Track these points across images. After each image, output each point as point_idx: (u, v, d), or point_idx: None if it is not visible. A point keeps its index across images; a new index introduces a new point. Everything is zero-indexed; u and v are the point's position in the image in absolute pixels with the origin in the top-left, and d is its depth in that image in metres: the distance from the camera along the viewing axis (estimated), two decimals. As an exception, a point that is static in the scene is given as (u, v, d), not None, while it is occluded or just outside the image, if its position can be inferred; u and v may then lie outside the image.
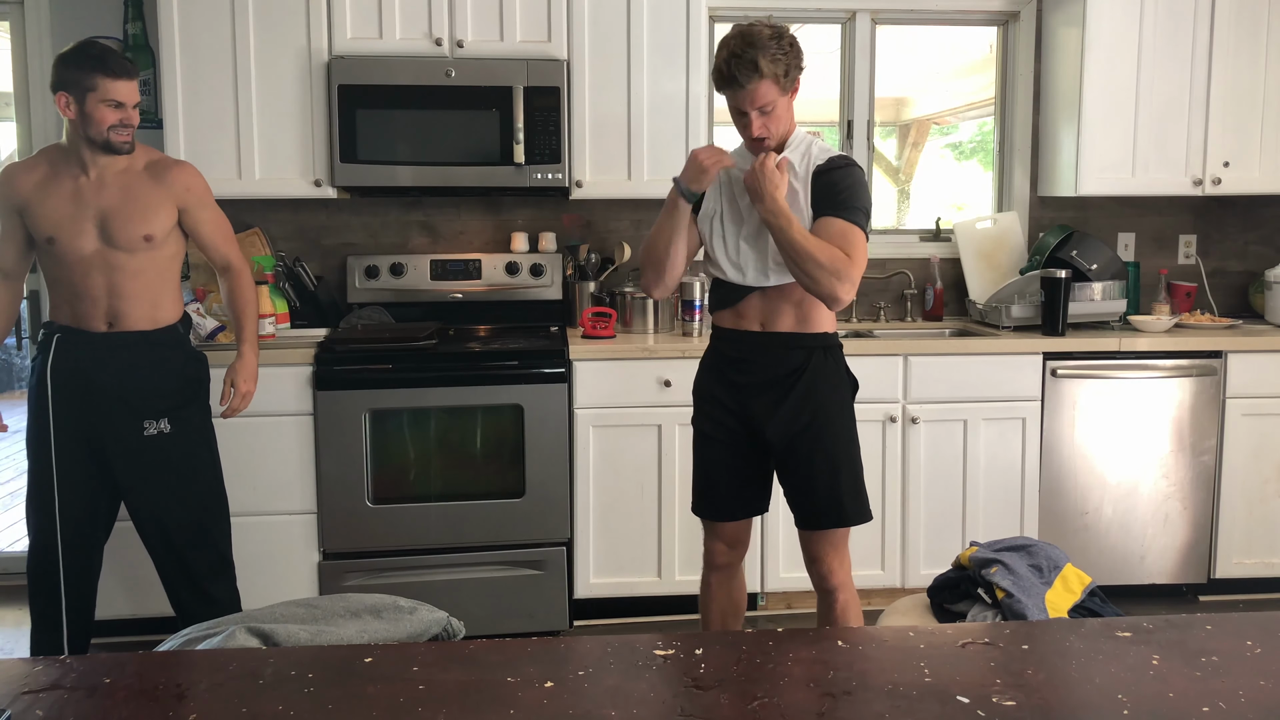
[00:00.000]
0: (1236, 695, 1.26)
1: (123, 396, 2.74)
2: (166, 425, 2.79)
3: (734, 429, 2.52)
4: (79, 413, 2.73)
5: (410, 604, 1.73)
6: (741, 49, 2.32)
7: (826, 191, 2.42)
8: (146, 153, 2.81)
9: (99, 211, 2.69)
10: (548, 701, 1.24)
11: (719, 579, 2.66)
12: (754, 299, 2.49)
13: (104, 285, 2.71)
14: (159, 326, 2.79)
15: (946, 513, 3.58)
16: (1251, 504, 3.68)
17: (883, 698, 1.26)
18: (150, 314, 2.77)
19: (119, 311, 2.73)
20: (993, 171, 4.29)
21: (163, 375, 2.80)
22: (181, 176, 2.80)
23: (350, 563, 3.37)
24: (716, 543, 2.63)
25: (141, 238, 2.71)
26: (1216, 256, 4.25)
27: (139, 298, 2.74)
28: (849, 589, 2.58)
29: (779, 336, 2.48)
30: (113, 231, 2.69)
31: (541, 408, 3.36)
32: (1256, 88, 3.81)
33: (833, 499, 2.50)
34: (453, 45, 3.50)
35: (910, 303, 4.10)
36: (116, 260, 2.71)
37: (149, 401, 2.77)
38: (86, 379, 2.73)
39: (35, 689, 1.28)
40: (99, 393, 2.73)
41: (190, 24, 3.41)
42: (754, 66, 2.31)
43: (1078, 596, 2.26)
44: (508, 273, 3.82)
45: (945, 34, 4.35)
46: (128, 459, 2.78)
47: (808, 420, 2.46)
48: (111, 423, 2.75)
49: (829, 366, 2.49)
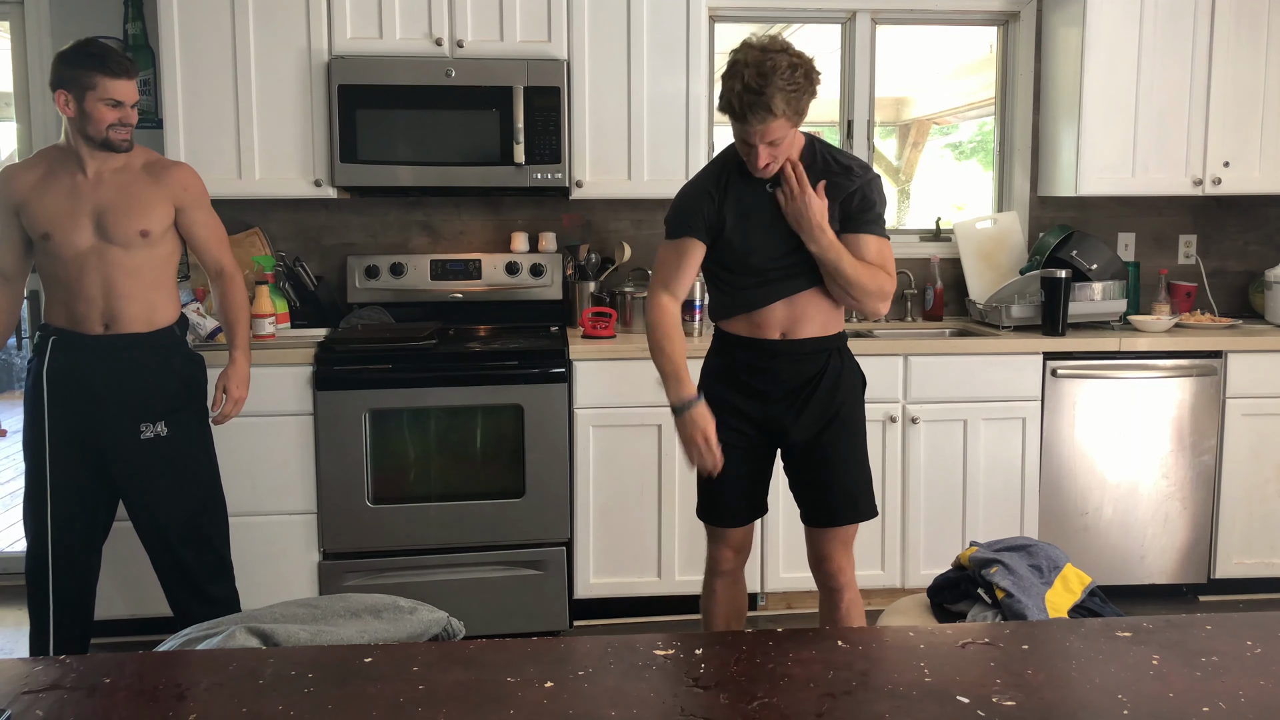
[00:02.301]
0: (1236, 695, 1.26)
1: (119, 399, 2.74)
2: (163, 428, 2.79)
3: (753, 436, 2.50)
4: (75, 415, 2.73)
5: (410, 604, 1.73)
6: (758, 84, 2.18)
7: (860, 205, 2.40)
8: (145, 153, 2.82)
9: (96, 207, 2.69)
10: (548, 701, 1.24)
11: (723, 584, 2.64)
12: (778, 308, 2.43)
13: (100, 283, 2.71)
14: (156, 328, 2.79)
15: (946, 513, 3.57)
16: (1251, 504, 3.68)
17: (883, 698, 1.26)
18: (147, 315, 2.77)
19: (116, 312, 2.73)
20: (993, 171, 4.29)
21: (159, 378, 2.79)
22: (179, 176, 2.81)
23: (350, 563, 3.37)
24: (723, 549, 2.60)
25: (138, 233, 2.71)
26: (1216, 256, 4.25)
27: (135, 298, 2.74)
28: (854, 588, 2.58)
29: (801, 343, 2.46)
30: (109, 226, 2.69)
31: (541, 408, 3.36)
32: (1256, 88, 3.81)
33: (849, 496, 2.50)
34: (453, 45, 3.50)
35: (910, 303, 4.10)
36: (113, 256, 2.70)
37: (146, 404, 2.77)
38: (83, 382, 2.72)
39: (35, 689, 1.28)
40: (95, 395, 2.73)
41: (190, 24, 3.41)
42: (768, 109, 2.19)
43: (1078, 596, 2.27)
44: (508, 273, 3.82)
45: (945, 34, 4.35)
46: (125, 462, 2.77)
47: (830, 419, 2.47)
48: (108, 425, 2.75)
49: (846, 365, 2.51)
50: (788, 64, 2.21)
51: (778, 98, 2.19)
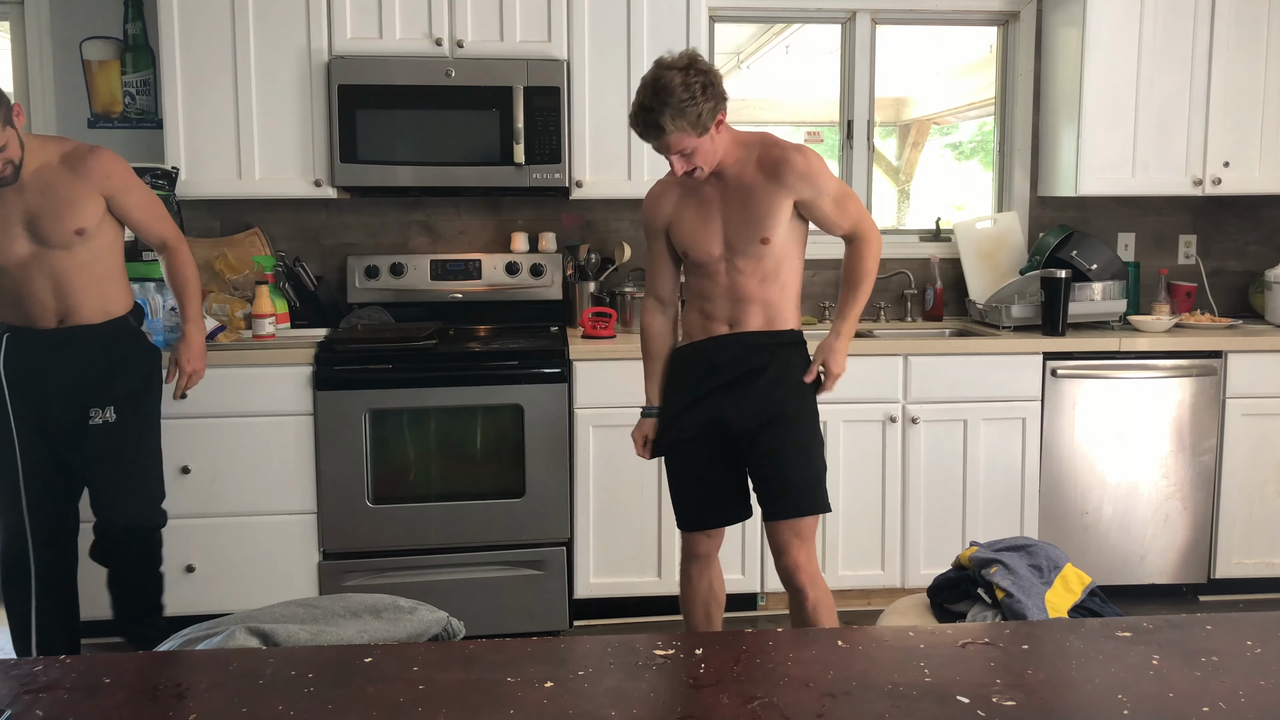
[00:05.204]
0: (1236, 695, 1.26)
1: (69, 386, 2.74)
2: (112, 414, 2.77)
3: (701, 430, 2.59)
4: (33, 408, 2.73)
5: (410, 604, 1.73)
6: (650, 103, 2.31)
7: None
8: (60, 144, 2.73)
9: (25, 214, 2.65)
10: (548, 701, 1.24)
11: (698, 569, 2.70)
12: (721, 302, 2.56)
13: (48, 286, 2.69)
14: (110, 319, 2.78)
15: (946, 513, 3.57)
16: (1251, 504, 3.68)
17: (883, 698, 1.26)
18: (101, 306, 2.76)
19: (68, 308, 2.72)
20: (993, 171, 4.29)
21: (111, 366, 2.79)
22: (98, 165, 2.71)
23: (350, 563, 3.37)
24: (696, 534, 2.68)
25: (73, 233, 2.67)
26: (1216, 256, 4.25)
27: (86, 291, 2.72)
28: (818, 587, 2.59)
29: (743, 337, 2.57)
30: (42, 231, 2.65)
31: (541, 408, 3.36)
32: (1256, 88, 3.81)
33: (791, 488, 2.56)
34: (453, 45, 3.50)
35: (910, 303, 4.10)
36: (54, 259, 2.68)
37: (95, 391, 2.76)
38: (37, 375, 2.72)
39: (35, 689, 1.28)
40: (48, 385, 2.73)
41: (190, 24, 3.41)
42: (659, 127, 2.32)
43: (1078, 596, 2.27)
44: (508, 273, 3.82)
45: (945, 34, 4.35)
46: (76, 448, 2.77)
47: (774, 415, 2.54)
48: (59, 413, 2.74)
49: (793, 362, 2.59)
50: (680, 81, 2.30)
51: (665, 115, 2.30)
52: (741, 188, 2.50)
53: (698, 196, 2.55)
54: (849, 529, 3.53)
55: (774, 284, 2.55)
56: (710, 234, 2.54)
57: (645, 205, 2.68)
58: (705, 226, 2.54)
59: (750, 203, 2.49)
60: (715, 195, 2.53)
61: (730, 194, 2.52)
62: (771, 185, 2.48)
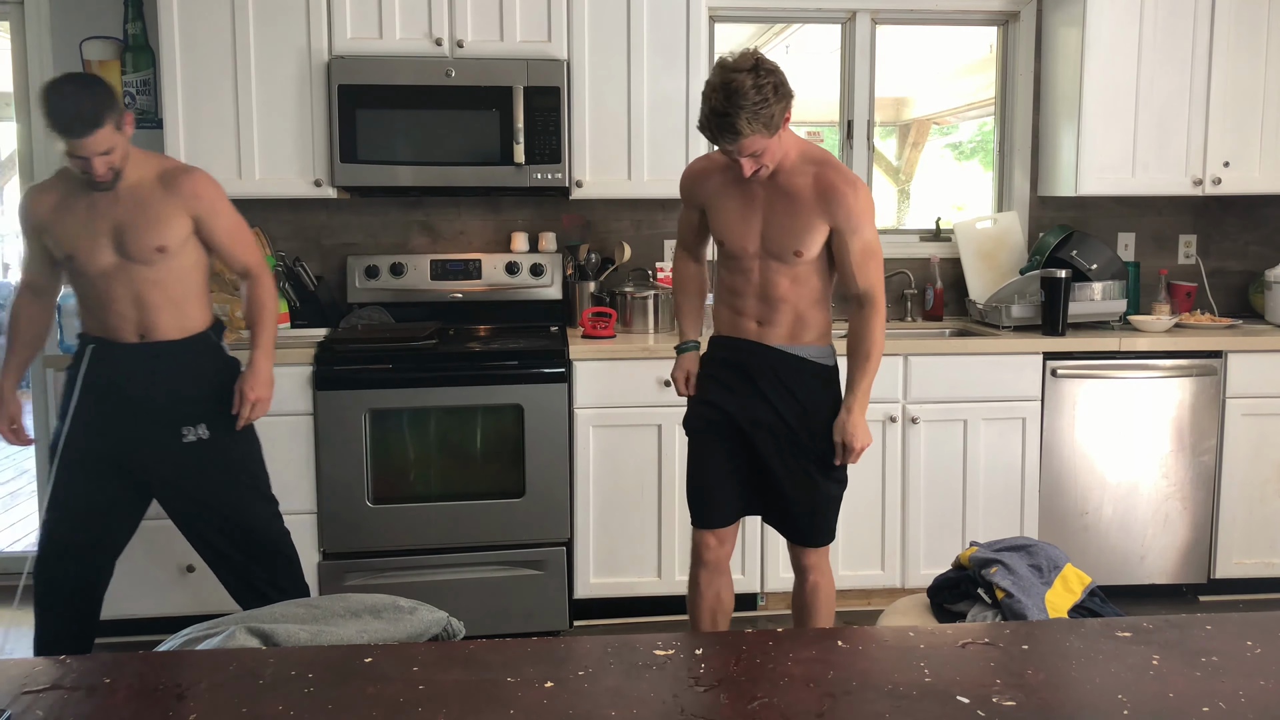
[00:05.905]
0: (1236, 695, 1.26)
1: (158, 406, 2.73)
2: (205, 431, 2.77)
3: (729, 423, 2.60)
4: (111, 423, 2.71)
5: (410, 604, 1.73)
6: (723, 108, 2.28)
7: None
8: (160, 160, 2.77)
9: (113, 225, 2.66)
10: (548, 702, 1.24)
11: (707, 576, 2.69)
12: (751, 300, 2.57)
13: (129, 298, 2.70)
14: (189, 334, 2.78)
15: (946, 513, 3.58)
16: (1251, 504, 3.68)
17: (883, 698, 1.26)
18: (179, 323, 2.75)
19: (148, 323, 2.72)
20: (993, 171, 4.29)
21: (195, 382, 2.78)
22: (190, 185, 2.73)
23: (350, 563, 3.37)
24: (705, 535, 2.67)
25: (155, 249, 2.68)
26: (1216, 256, 4.25)
27: (164, 308, 2.72)
28: (820, 570, 2.69)
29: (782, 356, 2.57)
30: (127, 245, 2.67)
31: (541, 408, 3.36)
32: (1256, 88, 3.81)
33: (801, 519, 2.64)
34: (453, 45, 3.50)
35: (910, 303, 4.10)
36: (137, 273, 2.68)
37: (183, 409, 2.75)
38: (120, 390, 2.71)
39: (35, 689, 1.28)
40: (133, 403, 2.71)
41: (190, 24, 3.41)
42: (735, 130, 2.30)
43: (1078, 596, 2.27)
44: (508, 273, 3.82)
45: (945, 34, 4.35)
46: (170, 467, 2.76)
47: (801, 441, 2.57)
48: (147, 434, 2.73)
49: (823, 400, 2.60)
50: (752, 84, 2.28)
51: (742, 119, 2.29)
52: (789, 197, 2.48)
53: (742, 189, 2.53)
54: (849, 529, 3.52)
55: (805, 287, 2.54)
56: (749, 230, 2.52)
57: (684, 177, 2.67)
58: (744, 223, 2.53)
59: (793, 213, 2.47)
60: (761, 194, 2.51)
61: (776, 198, 2.50)
62: (818, 206, 2.46)
